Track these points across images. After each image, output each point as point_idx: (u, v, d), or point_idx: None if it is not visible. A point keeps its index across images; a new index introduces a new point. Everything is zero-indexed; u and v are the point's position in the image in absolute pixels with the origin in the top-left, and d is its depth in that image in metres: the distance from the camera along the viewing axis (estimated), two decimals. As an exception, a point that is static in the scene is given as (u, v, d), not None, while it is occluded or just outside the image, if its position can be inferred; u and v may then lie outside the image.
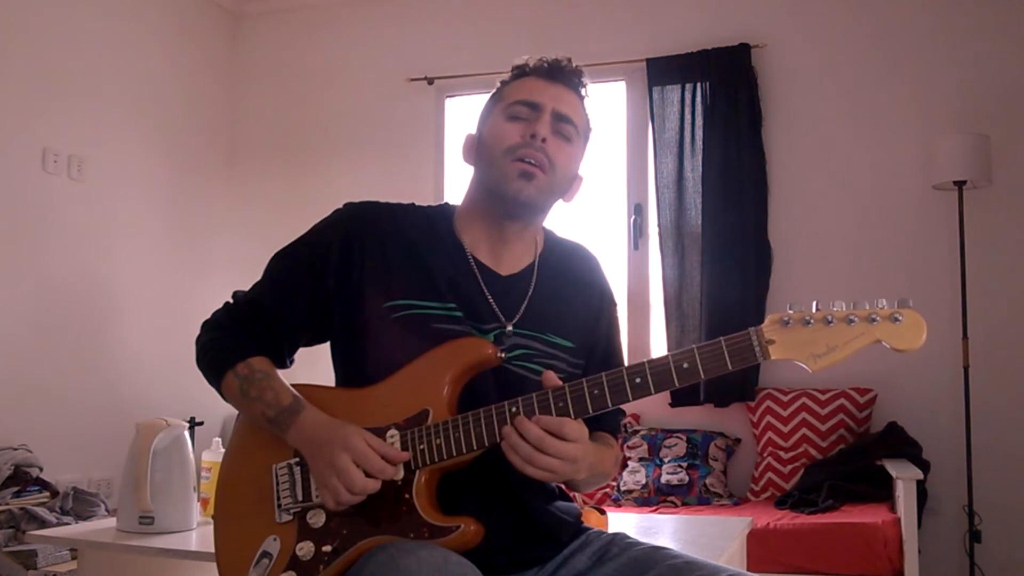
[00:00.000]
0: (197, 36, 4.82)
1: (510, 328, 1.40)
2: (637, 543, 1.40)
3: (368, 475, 1.26)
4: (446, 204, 1.53)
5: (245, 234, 4.78)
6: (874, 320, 1.17)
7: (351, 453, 1.26)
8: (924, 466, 3.50)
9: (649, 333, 4.35)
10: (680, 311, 4.17)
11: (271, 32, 5.03)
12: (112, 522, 2.28)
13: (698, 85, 4.21)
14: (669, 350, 4.24)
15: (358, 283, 1.39)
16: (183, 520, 2.17)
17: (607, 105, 4.56)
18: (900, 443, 3.65)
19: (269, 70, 4.99)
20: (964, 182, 3.68)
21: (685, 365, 1.22)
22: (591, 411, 1.25)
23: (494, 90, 1.50)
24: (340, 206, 1.48)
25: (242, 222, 4.85)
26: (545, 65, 1.45)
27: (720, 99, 4.16)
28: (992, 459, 3.69)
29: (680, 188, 4.22)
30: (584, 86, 1.48)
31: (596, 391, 1.24)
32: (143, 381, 4.20)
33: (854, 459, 3.65)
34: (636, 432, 4.09)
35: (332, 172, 4.66)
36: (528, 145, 1.39)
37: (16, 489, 3.29)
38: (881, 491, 3.52)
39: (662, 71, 4.27)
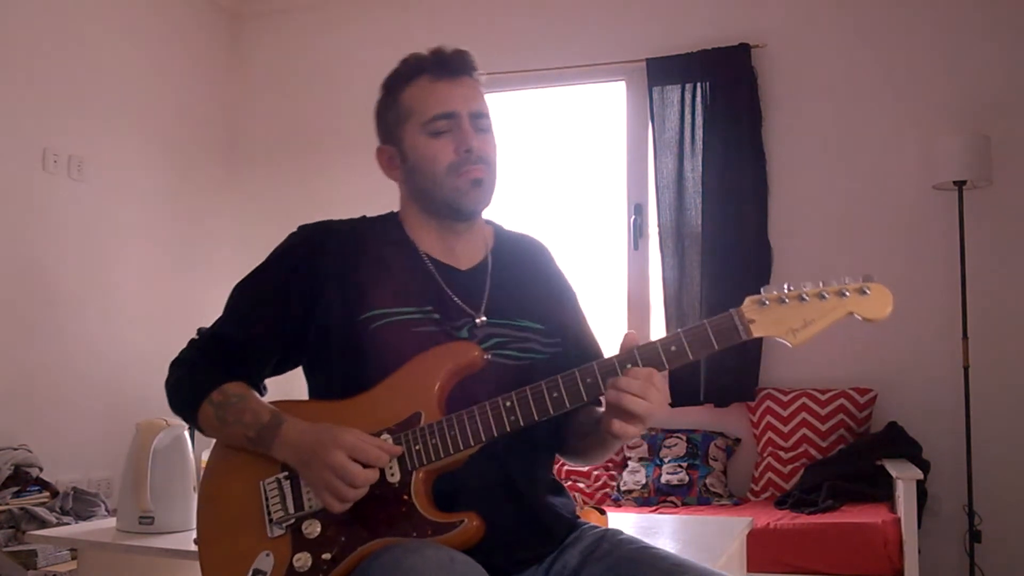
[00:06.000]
0: (197, 36, 4.82)
1: (481, 319, 1.43)
2: (628, 541, 1.41)
3: (365, 467, 1.27)
4: (392, 212, 1.55)
5: (245, 233, 4.78)
6: (844, 294, 1.25)
7: (344, 449, 1.26)
8: (924, 466, 3.50)
9: (649, 333, 4.35)
10: (680, 311, 4.17)
11: (271, 32, 5.03)
12: (112, 522, 2.28)
13: (698, 85, 4.21)
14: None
15: (328, 302, 1.41)
16: (183, 520, 2.17)
17: (607, 105, 4.56)
18: (900, 443, 3.65)
19: (269, 70, 4.99)
20: (964, 182, 3.68)
21: (673, 348, 1.28)
22: (585, 398, 1.28)
23: (386, 92, 1.49)
24: (295, 229, 1.50)
25: (242, 221, 4.85)
26: (440, 61, 1.46)
27: (720, 99, 4.16)
28: (992, 459, 3.68)
29: (680, 188, 4.22)
30: (476, 68, 1.49)
31: (589, 379, 1.28)
32: (143, 381, 4.19)
33: (854, 459, 3.65)
34: (636, 432, 4.08)
35: (332, 172, 4.66)
36: (465, 161, 1.43)
37: (16, 489, 3.29)
38: (881, 491, 3.52)
39: (662, 71, 4.26)
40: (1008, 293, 3.82)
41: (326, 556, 1.29)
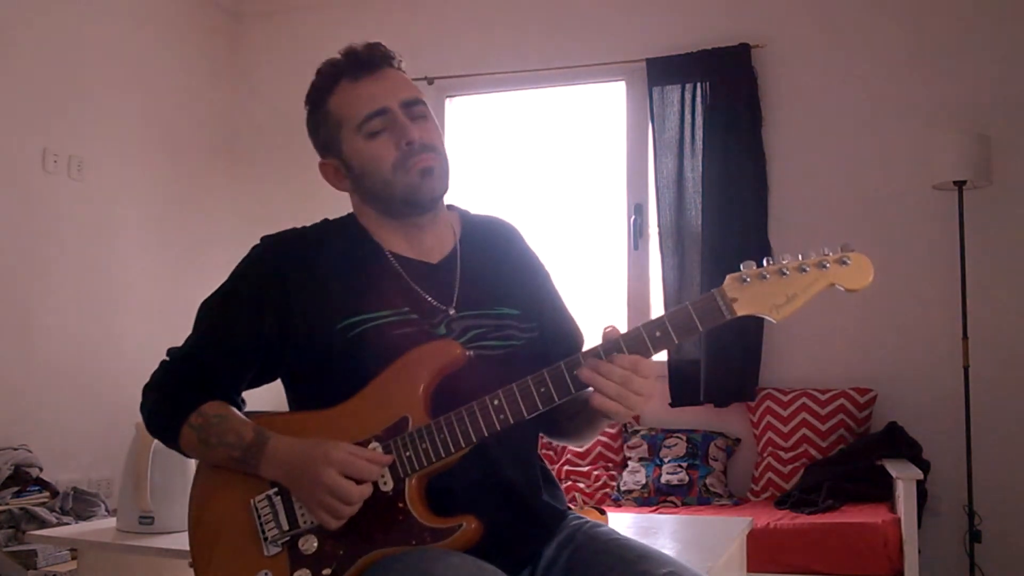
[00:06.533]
0: (197, 36, 4.82)
1: (453, 312, 1.40)
2: (604, 533, 1.41)
3: (358, 482, 1.25)
4: (351, 214, 1.51)
5: (245, 234, 4.73)
6: (825, 266, 1.25)
7: (335, 466, 1.24)
8: (924, 466, 3.50)
9: (649, 333, 4.34)
10: (680, 311, 4.16)
11: (271, 32, 5.03)
12: (112, 522, 2.29)
13: (698, 85, 4.21)
14: (670, 350, 4.24)
15: (301, 314, 1.38)
16: (183, 520, 2.15)
17: (607, 105, 4.56)
18: (900, 443, 3.64)
19: (269, 70, 4.99)
20: (964, 182, 3.67)
21: (658, 333, 1.25)
22: (573, 391, 1.26)
23: (312, 106, 1.48)
24: (257, 242, 1.47)
25: (242, 221, 4.84)
26: (355, 61, 1.43)
27: (720, 99, 4.15)
28: (992, 459, 3.68)
29: (680, 188, 4.22)
30: (393, 56, 1.46)
31: (576, 371, 1.26)
32: (143, 381, 4.18)
33: (854, 459, 3.65)
34: (636, 432, 4.08)
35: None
36: (409, 154, 1.39)
37: (16, 489, 3.29)
38: (881, 491, 3.52)
39: (662, 71, 4.26)
40: (1008, 293, 3.82)
41: (326, 572, 1.28)
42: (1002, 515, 3.67)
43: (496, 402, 1.27)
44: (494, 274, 1.47)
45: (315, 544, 1.29)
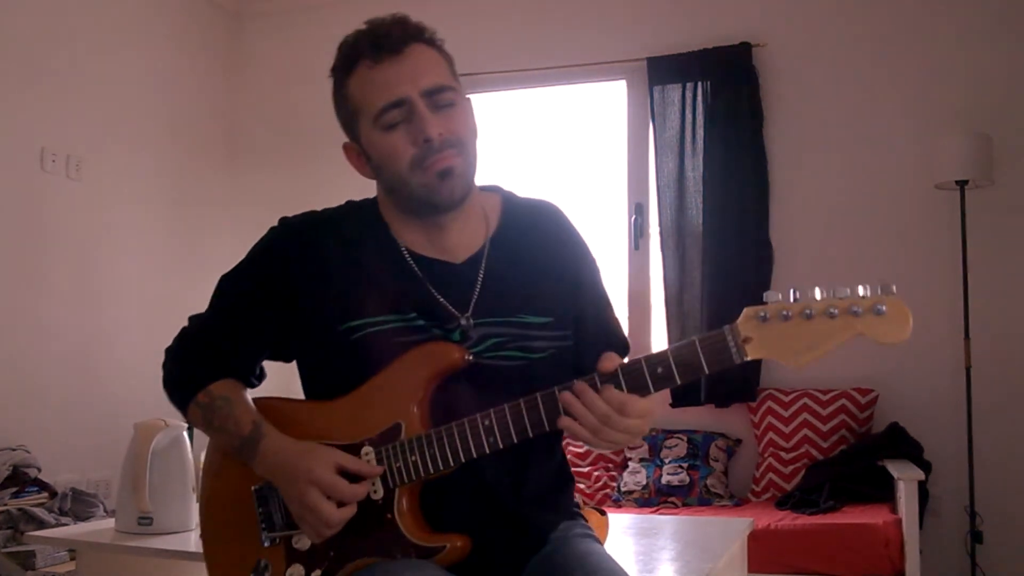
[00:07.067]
0: (197, 36, 4.81)
1: (469, 319, 1.31)
2: (563, 548, 1.34)
3: (342, 503, 1.23)
4: (376, 200, 1.42)
5: (245, 234, 4.73)
6: (856, 312, 1.09)
7: (318, 487, 1.22)
8: (925, 467, 3.50)
9: (650, 333, 4.34)
10: (680, 311, 4.16)
11: (271, 32, 5.02)
12: (111, 523, 2.28)
13: (699, 84, 4.20)
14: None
15: (307, 308, 1.33)
16: (182, 520, 2.17)
17: (608, 104, 4.55)
18: (901, 444, 3.64)
19: (269, 70, 4.98)
20: (966, 182, 3.67)
21: (659, 370, 1.17)
22: None
23: (335, 85, 1.36)
24: (275, 223, 1.43)
25: (242, 222, 4.83)
26: (376, 42, 1.29)
27: (721, 99, 4.15)
28: (993, 460, 3.67)
29: (680, 188, 4.21)
30: (423, 30, 1.34)
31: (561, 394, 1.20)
32: (142, 381, 4.15)
33: (855, 460, 3.64)
34: (636, 432, 4.07)
35: (333, 172, 4.60)
36: (428, 152, 1.27)
37: (14, 490, 3.29)
38: (882, 492, 3.51)
39: (663, 70, 4.26)
40: (1010, 293, 3.81)
41: (316, 573, 1.28)
42: (1003, 516, 3.66)
43: (487, 422, 1.21)
44: (527, 276, 1.36)
45: (308, 542, 1.29)
